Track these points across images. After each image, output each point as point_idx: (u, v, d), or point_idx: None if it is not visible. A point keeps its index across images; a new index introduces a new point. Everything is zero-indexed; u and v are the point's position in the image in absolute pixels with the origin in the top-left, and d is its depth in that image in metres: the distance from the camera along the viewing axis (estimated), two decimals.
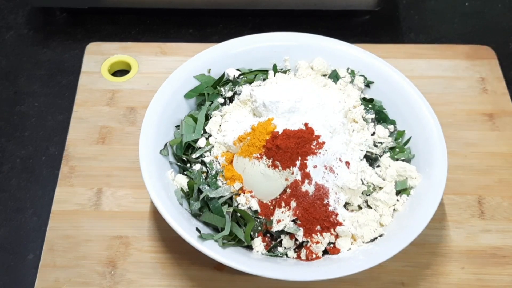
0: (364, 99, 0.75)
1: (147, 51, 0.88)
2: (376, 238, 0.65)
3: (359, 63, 0.77)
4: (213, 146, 0.69)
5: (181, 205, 0.66)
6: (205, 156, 0.69)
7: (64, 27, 0.96)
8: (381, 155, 0.70)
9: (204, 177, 0.67)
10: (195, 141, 0.70)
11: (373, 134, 0.72)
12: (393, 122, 0.74)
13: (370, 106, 0.74)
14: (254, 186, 0.65)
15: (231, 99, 0.75)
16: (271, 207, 0.64)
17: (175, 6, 0.93)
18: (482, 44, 0.91)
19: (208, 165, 0.68)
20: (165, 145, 0.70)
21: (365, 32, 0.97)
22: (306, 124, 0.66)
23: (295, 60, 0.78)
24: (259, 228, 0.64)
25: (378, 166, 0.70)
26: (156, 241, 0.70)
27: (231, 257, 0.61)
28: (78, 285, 0.67)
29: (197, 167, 0.68)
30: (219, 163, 0.68)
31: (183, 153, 0.70)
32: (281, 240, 0.64)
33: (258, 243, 0.64)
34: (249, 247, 0.64)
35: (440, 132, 0.70)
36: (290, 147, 0.63)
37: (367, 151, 0.69)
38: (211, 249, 0.61)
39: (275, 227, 0.64)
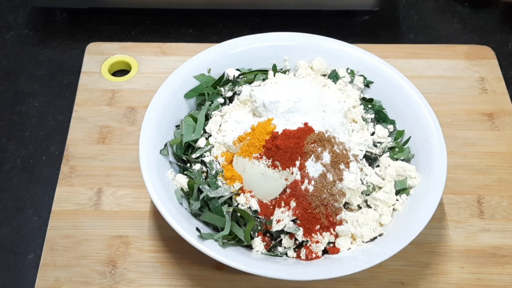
0: (363, 99, 0.75)
1: (147, 51, 0.88)
2: (375, 237, 0.65)
3: (359, 63, 0.77)
4: (213, 146, 0.69)
5: (181, 205, 0.66)
6: (205, 156, 0.69)
7: (64, 27, 0.96)
8: (381, 155, 0.71)
9: (204, 177, 0.67)
10: (195, 141, 0.70)
11: (373, 134, 0.72)
12: (392, 122, 0.74)
13: (369, 106, 0.75)
14: (254, 186, 0.65)
15: (231, 99, 0.75)
16: (271, 207, 0.65)
17: (175, 6, 0.93)
18: (481, 44, 0.91)
19: (208, 165, 0.68)
20: (165, 145, 0.70)
21: (365, 32, 0.97)
22: (305, 124, 0.66)
23: (295, 60, 0.78)
24: (259, 227, 0.64)
25: (378, 166, 0.70)
26: (156, 240, 0.70)
27: (231, 256, 0.61)
28: (79, 285, 0.67)
29: (197, 167, 0.69)
30: (219, 163, 0.68)
31: (183, 153, 0.70)
32: (281, 239, 0.65)
33: (258, 243, 0.64)
34: (249, 247, 0.65)
35: (439, 131, 0.70)
36: (290, 147, 0.63)
37: (366, 151, 0.69)
38: (211, 249, 0.61)
39: (275, 227, 0.64)
